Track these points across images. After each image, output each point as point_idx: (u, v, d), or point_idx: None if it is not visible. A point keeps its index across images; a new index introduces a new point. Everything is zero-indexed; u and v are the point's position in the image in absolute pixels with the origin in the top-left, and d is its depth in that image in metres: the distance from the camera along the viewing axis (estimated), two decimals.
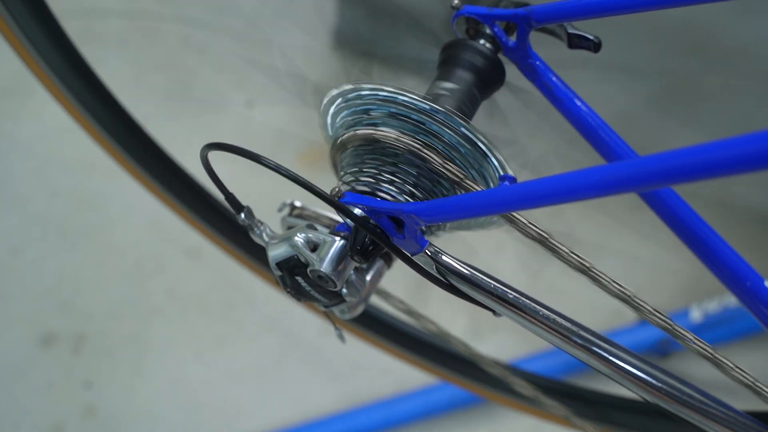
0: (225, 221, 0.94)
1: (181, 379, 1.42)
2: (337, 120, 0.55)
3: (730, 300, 1.33)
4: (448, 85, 0.54)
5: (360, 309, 0.63)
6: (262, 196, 1.08)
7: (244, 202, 0.57)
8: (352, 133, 0.52)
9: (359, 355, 1.34)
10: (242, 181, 0.59)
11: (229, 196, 0.57)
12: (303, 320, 1.43)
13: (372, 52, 1.80)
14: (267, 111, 1.76)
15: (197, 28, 1.86)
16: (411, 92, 0.50)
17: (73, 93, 0.77)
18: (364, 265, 0.60)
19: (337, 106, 0.54)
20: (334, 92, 0.53)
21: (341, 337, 0.69)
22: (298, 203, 0.60)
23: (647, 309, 0.50)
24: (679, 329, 0.50)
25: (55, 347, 1.44)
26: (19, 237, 1.57)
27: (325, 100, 0.54)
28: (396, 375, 1.36)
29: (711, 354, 0.51)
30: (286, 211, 0.58)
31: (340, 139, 0.54)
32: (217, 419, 1.39)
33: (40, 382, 1.41)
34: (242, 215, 0.57)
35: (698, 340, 0.51)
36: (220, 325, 1.48)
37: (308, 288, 0.56)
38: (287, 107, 1.74)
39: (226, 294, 1.51)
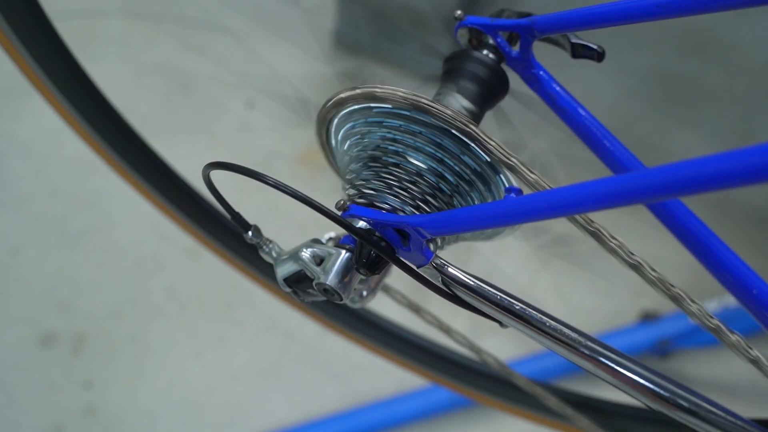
0: (222, 228, 0.93)
1: (181, 379, 1.42)
2: (347, 128, 0.55)
3: (730, 300, 1.34)
4: (453, 96, 0.54)
5: (371, 299, 0.62)
6: (267, 192, 1.08)
7: (246, 198, 0.57)
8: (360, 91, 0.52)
9: (359, 355, 1.35)
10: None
11: (236, 216, 0.56)
12: (303, 320, 1.43)
13: (372, 52, 1.80)
14: (267, 111, 1.75)
15: (197, 28, 1.86)
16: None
17: (68, 98, 0.77)
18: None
19: (345, 116, 0.54)
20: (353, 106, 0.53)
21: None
22: (333, 234, 0.60)
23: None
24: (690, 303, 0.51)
25: (55, 347, 1.44)
26: (19, 237, 1.57)
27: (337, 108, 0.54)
28: (396, 375, 1.36)
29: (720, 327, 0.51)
30: (331, 243, 0.57)
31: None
32: (217, 419, 1.39)
33: (40, 382, 1.41)
34: (250, 234, 0.57)
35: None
36: (219, 325, 1.48)
37: (318, 293, 0.56)
38: (287, 108, 1.74)
39: (226, 294, 1.51)
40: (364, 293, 0.62)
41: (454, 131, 0.50)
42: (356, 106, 0.53)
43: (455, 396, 1.32)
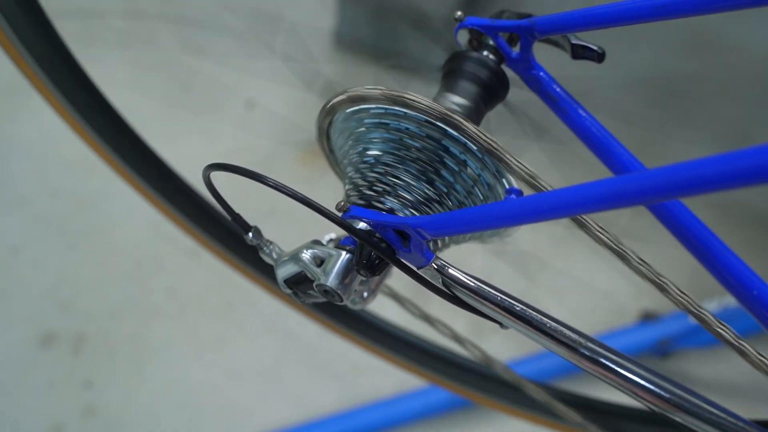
0: (222, 230, 0.93)
1: (181, 379, 1.42)
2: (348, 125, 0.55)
3: (730, 300, 1.34)
4: (453, 97, 0.54)
5: (371, 300, 0.62)
6: (267, 193, 1.08)
7: (246, 199, 0.57)
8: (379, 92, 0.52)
9: (359, 355, 1.34)
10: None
11: (236, 217, 0.56)
12: (303, 320, 1.43)
13: (372, 52, 1.80)
14: (266, 111, 1.75)
15: (197, 28, 1.86)
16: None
17: (68, 99, 0.76)
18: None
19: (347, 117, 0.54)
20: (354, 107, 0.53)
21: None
22: (333, 235, 0.60)
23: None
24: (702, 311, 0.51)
25: (55, 347, 1.44)
26: (19, 237, 1.57)
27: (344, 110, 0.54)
28: (396, 375, 1.36)
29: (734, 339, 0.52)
30: (332, 245, 0.57)
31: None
32: (217, 419, 1.39)
33: (40, 382, 1.40)
34: (250, 235, 0.57)
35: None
36: (220, 325, 1.48)
37: (318, 295, 0.56)
38: (287, 108, 1.74)
39: (226, 294, 1.51)
40: (365, 294, 0.62)
41: (450, 129, 0.50)
42: (355, 108, 0.53)
43: (455, 396, 1.32)
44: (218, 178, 0.54)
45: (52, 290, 1.51)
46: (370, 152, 0.53)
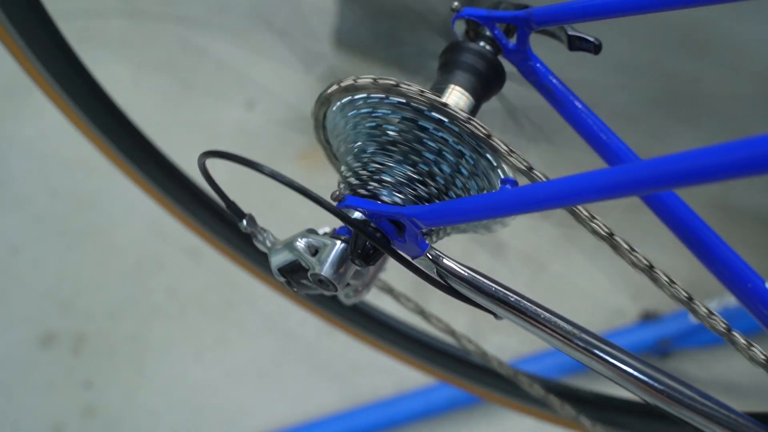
0: (222, 223, 0.94)
1: (181, 379, 1.42)
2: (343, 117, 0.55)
3: (730, 300, 1.33)
4: (449, 87, 0.54)
5: (365, 293, 0.62)
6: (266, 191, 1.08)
7: (245, 196, 0.57)
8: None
9: (359, 355, 1.35)
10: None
11: (231, 204, 0.56)
12: (303, 320, 1.43)
13: (372, 51, 1.80)
14: (267, 111, 1.75)
15: (197, 28, 1.86)
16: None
17: (70, 95, 0.77)
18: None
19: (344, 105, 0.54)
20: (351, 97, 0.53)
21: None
22: (328, 229, 0.59)
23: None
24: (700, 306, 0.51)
25: (55, 347, 1.44)
26: (19, 237, 1.57)
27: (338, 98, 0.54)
28: (396, 375, 1.36)
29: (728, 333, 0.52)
30: (326, 234, 0.57)
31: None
32: (217, 419, 1.39)
33: (40, 382, 1.41)
34: (244, 222, 0.57)
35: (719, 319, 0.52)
36: (220, 324, 1.48)
37: (312, 284, 0.55)
38: (287, 107, 1.74)
39: (226, 293, 1.51)
40: (359, 288, 0.62)
41: (446, 119, 0.50)
42: (349, 97, 0.53)
43: (455, 395, 1.32)
44: (218, 177, 0.54)
45: (52, 290, 1.51)
46: (364, 142, 0.53)
